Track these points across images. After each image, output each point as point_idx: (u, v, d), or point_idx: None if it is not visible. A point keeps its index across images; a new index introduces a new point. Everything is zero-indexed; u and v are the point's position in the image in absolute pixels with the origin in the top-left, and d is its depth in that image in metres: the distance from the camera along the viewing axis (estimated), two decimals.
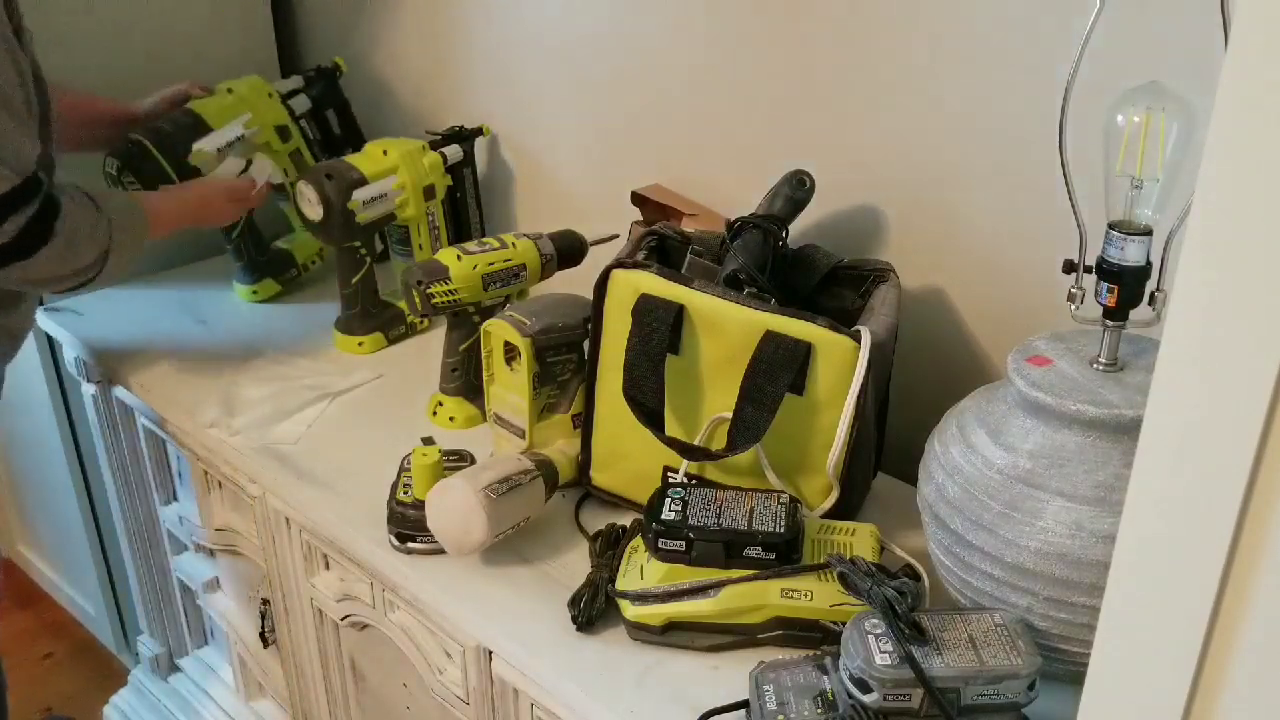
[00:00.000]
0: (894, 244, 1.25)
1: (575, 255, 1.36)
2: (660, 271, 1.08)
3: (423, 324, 1.54)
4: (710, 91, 1.37)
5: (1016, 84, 1.10)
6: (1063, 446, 0.87)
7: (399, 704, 1.26)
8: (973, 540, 0.89)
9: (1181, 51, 0.96)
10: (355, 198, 1.40)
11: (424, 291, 1.25)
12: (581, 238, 1.36)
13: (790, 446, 1.07)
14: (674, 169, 1.43)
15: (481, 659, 1.07)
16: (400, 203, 1.45)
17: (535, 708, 1.03)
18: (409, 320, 1.52)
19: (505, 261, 1.28)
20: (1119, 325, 0.90)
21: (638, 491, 1.13)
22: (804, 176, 1.18)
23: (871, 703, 0.83)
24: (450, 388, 1.32)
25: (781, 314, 1.04)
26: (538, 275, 1.32)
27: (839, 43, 1.22)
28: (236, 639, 1.56)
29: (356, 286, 1.46)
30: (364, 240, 1.44)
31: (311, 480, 1.23)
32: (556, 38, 1.52)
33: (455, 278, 1.25)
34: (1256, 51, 0.42)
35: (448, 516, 1.05)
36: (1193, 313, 0.47)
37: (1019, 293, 1.16)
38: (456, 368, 1.31)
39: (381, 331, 1.50)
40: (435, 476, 1.08)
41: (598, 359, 1.13)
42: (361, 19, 1.78)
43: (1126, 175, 0.86)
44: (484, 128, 1.61)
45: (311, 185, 1.38)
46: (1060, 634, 0.88)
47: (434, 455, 1.10)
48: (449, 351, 1.31)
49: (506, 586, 1.06)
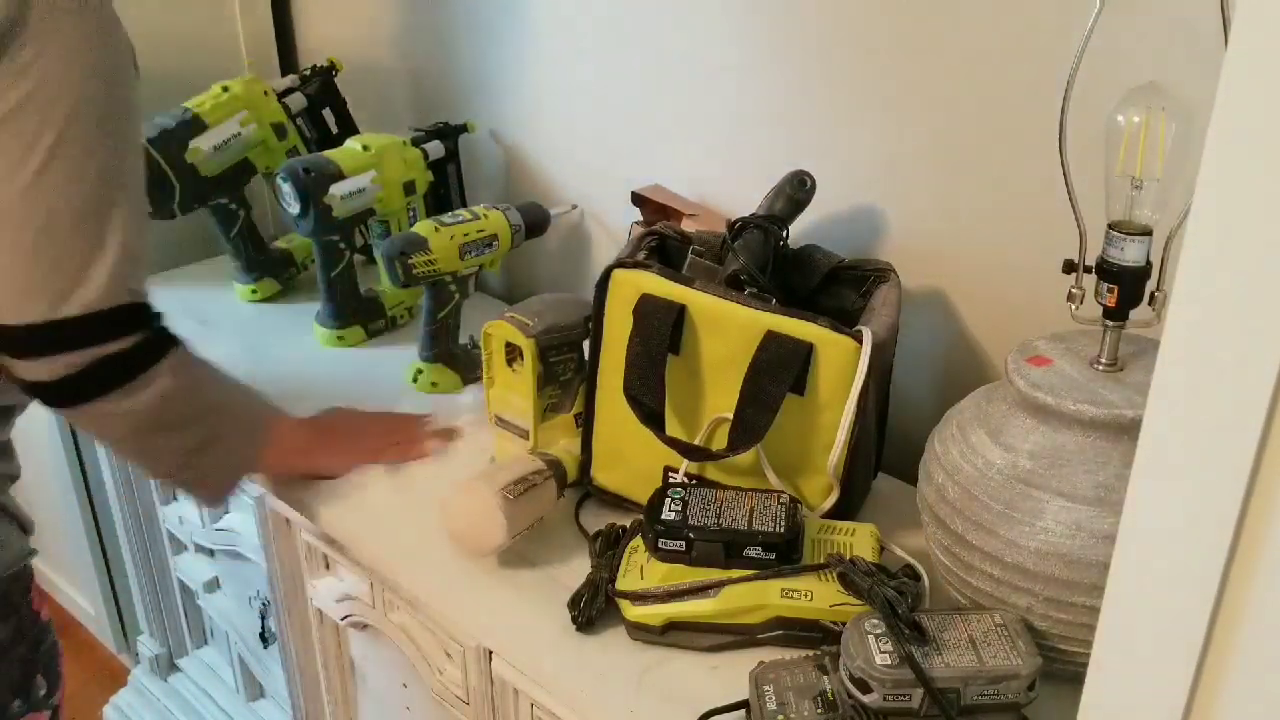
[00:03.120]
0: (894, 244, 1.25)
1: (540, 226, 1.44)
2: (661, 271, 1.08)
3: (404, 318, 1.56)
4: (710, 91, 1.37)
5: (1016, 84, 1.10)
6: (1063, 446, 0.87)
7: (399, 704, 1.26)
8: (973, 540, 0.89)
9: (1181, 51, 0.96)
10: (333, 192, 1.42)
11: (405, 262, 1.30)
12: (545, 209, 1.45)
13: (791, 446, 1.07)
14: (674, 169, 1.43)
15: (481, 659, 1.07)
16: (380, 197, 1.47)
17: (535, 708, 1.03)
18: (389, 314, 1.54)
19: (479, 232, 1.35)
20: (1119, 325, 0.90)
21: (638, 491, 1.13)
22: (805, 177, 1.18)
23: (871, 703, 0.83)
24: (429, 355, 1.38)
25: (783, 314, 1.04)
26: (508, 245, 1.39)
27: (839, 43, 1.22)
28: (236, 639, 1.56)
29: (336, 280, 1.48)
30: (343, 234, 1.46)
31: (312, 481, 1.23)
32: (557, 36, 1.52)
33: (434, 248, 1.31)
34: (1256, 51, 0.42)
35: (467, 519, 1.06)
36: (1193, 313, 0.47)
37: (1019, 293, 1.16)
38: (435, 335, 1.37)
39: (361, 325, 1.52)
40: None
41: (598, 359, 1.13)
42: (360, 18, 1.78)
43: (1126, 175, 0.86)
44: (469, 124, 1.62)
45: (289, 179, 1.41)
46: (1060, 634, 0.88)
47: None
48: (428, 320, 1.37)
49: (507, 586, 1.06)
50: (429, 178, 1.53)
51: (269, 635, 1.46)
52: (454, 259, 1.33)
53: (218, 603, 1.58)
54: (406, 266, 1.29)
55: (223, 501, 1.13)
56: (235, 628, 1.56)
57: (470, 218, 1.35)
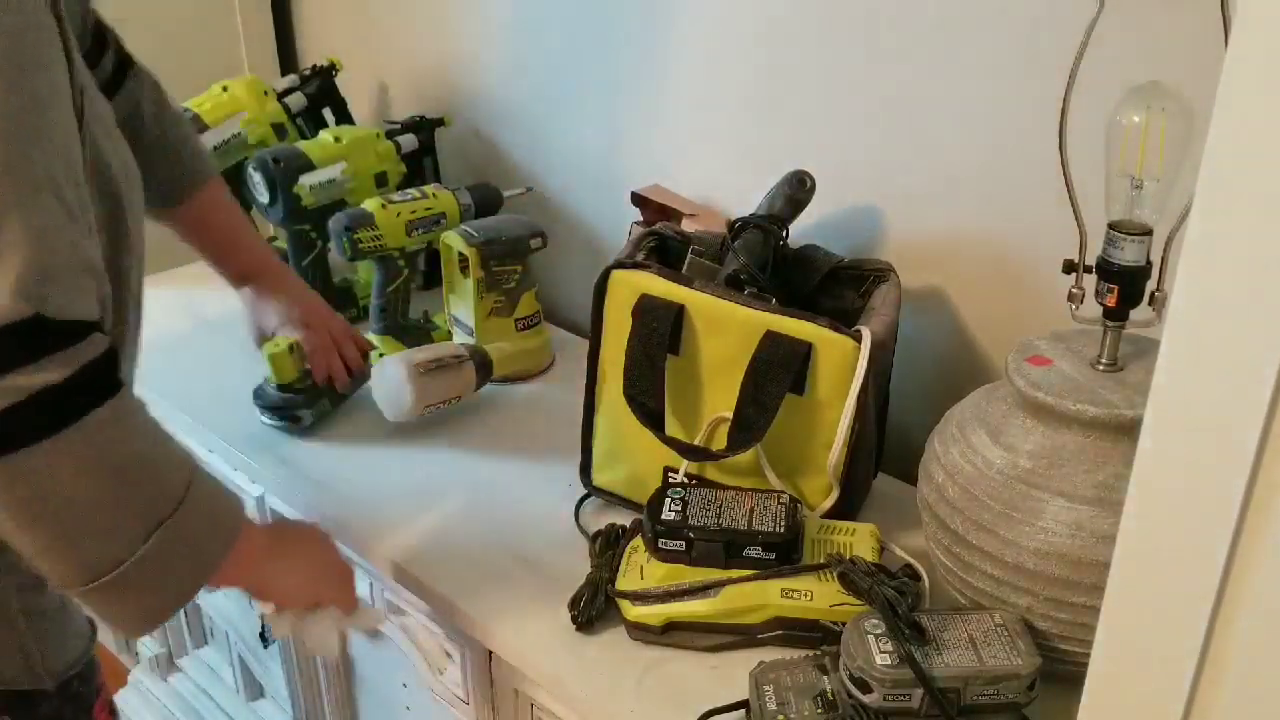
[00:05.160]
0: (894, 244, 1.25)
1: (492, 206, 1.49)
2: (660, 271, 1.08)
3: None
4: (711, 91, 1.37)
5: (1017, 84, 1.09)
6: (1063, 446, 0.87)
7: (399, 704, 1.26)
8: (973, 540, 0.89)
9: (1181, 51, 0.96)
10: (302, 182, 1.44)
11: (351, 237, 1.36)
12: (497, 190, 1.51)
13: (791, 446, 1.07)
14: (674, 169, 1.43)
15: (481, 659, 1.07)
16: (351, 189, 1.49)
17: (535, 708, 1.03)
18: (361, 303, 1.55)
19: (427, 210, 1.42)
20: (1119, 325, 0.90)
21: (638, 492, 1.13)
22: (804, 176, 1.18)
23: (871, 703, 0.83)
24: (379, 327, 1.44)
25: (782, 314, 1.04)
26: (457, 222, 1.44)
27: (840, 43, 1.22)
28: (236, 639, 1.56)
29: (308, 269, 1.50)
30: (314, 224, 1.48)
31: (312, 480, 1.23)
32: (557, 36, 1.52)
33: (380, 224, 1.38)
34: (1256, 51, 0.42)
35: (384, 387, 1.26)
36: (1193, 313, 0.47)
37: (1019, 293, 1.16)
38: (385, 308, 1.43)
39: None
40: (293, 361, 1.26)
41: (598, 359, 1.13)
42: (360, 18, 1.78)
43: (1126, 175, 0.86)
44: (445, 118, 1.64)
45: (258, 169, 1.44)
46: (1060, 634, 0.88)
47: (283, 344, 1.26)
48: (377, 294, 1.43)
49: (506, 586, 1.06)
50: (402, 170, 1.56)
51: (269, 635, 1.46)
52: (400, 235, 1.39)
53: (218, 603, 1.58)
54: (353, 241, 1.36)
55: (146, 633, 0.92)
56: (235, 628, 1.56)
57: (419, 196, 1.42)
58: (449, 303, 1.44)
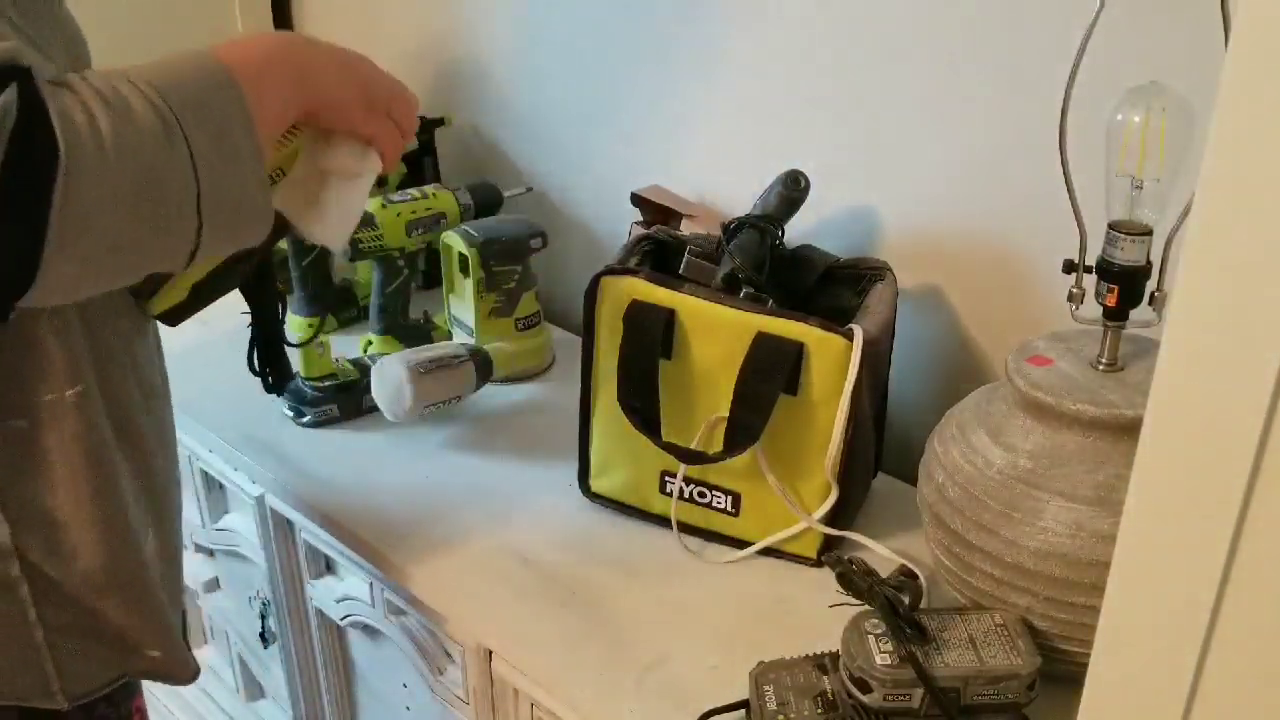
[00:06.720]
0: (893, 244, 1.25)
1: (492, 206, 1.49)
2: (650, 276, 1.08)
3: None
4: (710, 91, 1.37)
5: (1017, 83, 1.09)
6: (1063, 446, 0.87)
7: (399, 704, 1.26)
8: (973, 540, 0.89)
9: (1181, 51, 0.96)
10: None
11: (351, 237, 1.34)
12: (497, 190, 1.50)
13: (787, 447, 1.07)
14: (674, 169, 1.43)
15: (481, 659, 1.07)
16: None
17: (535, 708, 1.03)
18: (362, 304, 1.55)
19: (427, 210, 1.42)
20: (1119, 325, 0.90)
21: (636, 497, 1.13)
22: (799, 176, 1.18)
23: (871, 703, 0.83)
24: (379, 327, 1.45)
25: (772, 315, 1.04)
26: (457, 222, 1.44)
27: (837, 43, 1.22)
28: (236, 639, 1.56)
29: (306, 269, 1.48)
30: None
31: (312, 480, 1.23)
32: (558, 36, 1.52)
33: (381, 224, 1.38)
34: (1256, 51, 0.42)
35: (384, 387, 1.25)
36: (1193, 313, 0.47)
37: (1019, 293, 1.16)
38: (385, 308, 1.44)
39: (333, 314, 1.53)
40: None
41: (592, 367, 1.13)
42: (360, 18, 1.78)
43: (1126, 175, 0.86)
44: (445, 118, 1.64)
45: None
46: (1060, 634, 0.88)
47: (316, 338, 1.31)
48: (377, 294, 1.43)
49: (506, 586, 1.06)
50: (402, 170, 1.56)
51: (269, 635, 1.46)
52: (400, 235, 1.39)
53: (218, 603, 1.58)
54: (353, 241, 1.36)
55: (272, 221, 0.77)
56: (235, 628, 1.56)
57: (419, 196, 1.42)
58: (449, 303, 1.44)
